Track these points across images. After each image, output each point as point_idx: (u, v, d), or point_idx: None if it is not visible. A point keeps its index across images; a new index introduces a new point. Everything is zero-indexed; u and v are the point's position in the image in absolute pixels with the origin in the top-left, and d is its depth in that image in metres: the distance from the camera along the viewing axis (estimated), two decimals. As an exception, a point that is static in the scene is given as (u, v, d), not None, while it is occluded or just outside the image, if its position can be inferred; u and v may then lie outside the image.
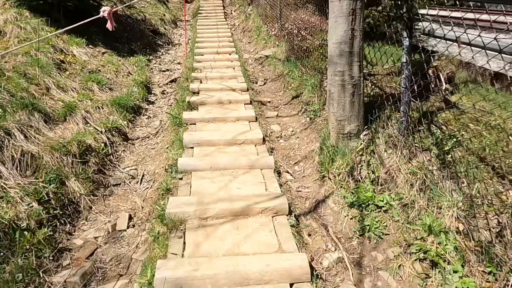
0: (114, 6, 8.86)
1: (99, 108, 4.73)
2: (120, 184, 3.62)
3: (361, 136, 3.30)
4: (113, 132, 4.34)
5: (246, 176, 3.28)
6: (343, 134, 3.30)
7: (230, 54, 7.76)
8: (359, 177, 3.11)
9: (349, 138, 3.31)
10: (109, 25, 3.81)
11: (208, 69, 6.78)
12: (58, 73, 5.13)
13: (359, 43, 3.07)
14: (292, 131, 4.51)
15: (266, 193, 2.95)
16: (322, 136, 3.88)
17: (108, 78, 5.82)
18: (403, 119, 2.98)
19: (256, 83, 6.56)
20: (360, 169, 3.15)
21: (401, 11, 2.81)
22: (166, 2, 13.23)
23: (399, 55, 4.75)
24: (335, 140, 3.38)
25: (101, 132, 4.17)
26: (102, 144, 3.94)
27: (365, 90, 3.36)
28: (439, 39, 4.48)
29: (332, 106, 3.29)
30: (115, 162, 3.91)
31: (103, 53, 6.79)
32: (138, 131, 4.80)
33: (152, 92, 6.26)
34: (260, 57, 7.75)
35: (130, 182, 3.66)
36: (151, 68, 7.42)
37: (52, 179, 3.03)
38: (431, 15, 3.18)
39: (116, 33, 8.13)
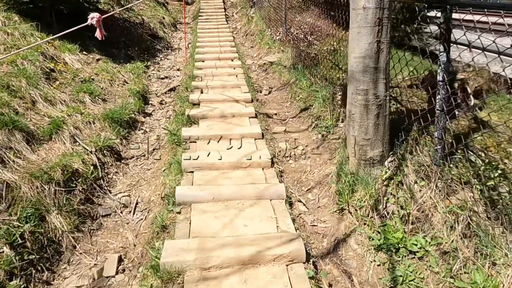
0: (110, 10, 8.45)
1: (90, 123, 4.31)
2: (110, 214, 3.19)
3: (386, 163, 2.88)
4: (105, 152, 3.91)
5: (254, 209, 2.85)
6: (365, 160, 2.88)
7: (232, 60, 7.34)
8: (385, 213, 2.69)
9: (372, 165, 2.89)
10: (98, 34, 3.40)
11: (209, 77, 6.36)
12: (47, 83, 4.71)
13: (386, 58, 2.65)
14: (303, 149, 4.08)
15: (279, 234, 2.52)
16: (338, 160, 3.46)
17: (101, 88, 5.40)
18: (439, 147, 2.55)
19: (261, 92, 6.14)
20: (386, 202, 2.72)
21: (438, 21, 2.39)
22: (166, 4, 12.83)
23: (417, 63, 4.33)
24: (355, 167, 2.95)
25: (91, 152, 3.75)
26: (91, 167, 3.51)
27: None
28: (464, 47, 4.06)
29: (353, 129, 2.86)
30: (105, 188, 3.48)
31: (98, 59, 6.37)
32: (132, 148, 4.37)
33: (150, 102, 5.84)
34: (264, 63, 7.33)
35: (122, 212, 3.23)
36: (149, 76, 7.00)
37: (29, 215, 2.61)
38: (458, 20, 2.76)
39: (113, 38, 7.72)
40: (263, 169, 3.45)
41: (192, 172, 3.37)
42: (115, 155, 4.04)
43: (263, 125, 4.60)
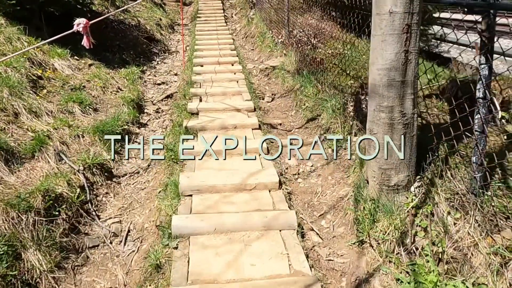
0: (105, 11, 8.07)
1: (78, 137, 3.94)
2: (98, 245, 2.83)
3: (412, 188, 2.52)
4: (94, 170, 3.54)
5: (262, 242, 2.49)
6: (388, 186, 2.52)
7: (232, 65, 6.98)
8: (414, 248, 2.33)
9: (396, 191, 2.53)
10: (85, 42, 3.03)
11: (209, 83, 6.00)
12: (33, 92, 4.34)
13: (414, 70, 2.30)
14: (312, 165, 3.73)
15: (292, 278, 2.16)
16: (354, 181, 3.11)
17: (93, 96, 5.03)
18: (478, 174, 2.20)
19: (263, 99, 5.78)
20: (414, 236, 2.37)
21: (479, 27, 2.03)
22: (163, 5, 12.46)
23: (433, 69, 3.98)
24: (376, 192, 2.59)
25: (79, 170, 3.38)
26: (78, 190, 3.14)
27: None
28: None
29: (374, 150, 2.50)
30: (93, 213, 3.11)
31: (90, 65, 6.00)
32: (125, 164, 4.01)
33: (145, 111, 5.46)
34: (266, 67, 6.97)
35: (111, 242, 2.87)
36: (145, 81, 6.63)
37: (1, 254, 2.24)
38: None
39: (107, 41, 7.35)
40: (270, 191, 3.09)
41: (191, 195, 3.00)
42: (106, 173, 3.67)
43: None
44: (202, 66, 6.86)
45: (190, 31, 10.32)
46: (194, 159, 3.64)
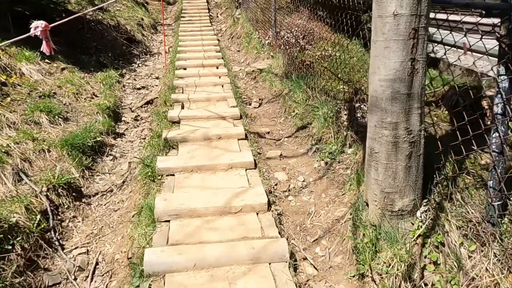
0: (82, 10, 7.58)
1: (44, 152, 3.53)
2: (60, 283, 2.44)
3: (418, 213, 2.23)
4: (60, 190, 3.15)
5: (249, 279, 2.16)
6: (392, 211, 2.22)
7: (217, 68, 6.62)
8: (423, 284, 2.04)
9: (401, 216, 2.23)
10: (44, 48, 2.65)
11: (192, 88, 5.63)
12: (-6, 101, 3.91)
13: (421, 81, 2.00)
14: (303, 180, 3.41)
15: (285, 328, 1.83)
16: (350, 200, 2.81)
17: (64, 104, 4.61)
18: (496, 202, 1.91)
19: (250, 104, 5.45)
20: (423, 270, 2.07)
21: (498, 32, 1.74)
22: (146, 4, 11.98)
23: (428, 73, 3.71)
24: (377, 218, 2.29)
25: (41, 192, 2.98)
26: (39, 216, 2.75)
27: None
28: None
29: (375, 171, 2.20)
30: (56, 243, 2.72)
31: (63, 69, 5.56)
32: (98, 181, 3.62)
33: (122, 119, 5.06)
34: (253, 70, 6.63)
35: (75, 279, 2.49)
36: (123, 86, 6.21)
37: None
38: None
39: (83, 43, 6.90)
40: (257, 213, 2.76)
41: (168, 221, 2.65)
42: (74, 193, 3.27)
43: (255, 148, 3.91)
44: (185, 69, 6.48)
45: (173, 32, 9.91)
46: (174, 175, 3.28)
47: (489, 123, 3.13)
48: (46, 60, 5.50)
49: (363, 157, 3.10)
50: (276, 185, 3.36)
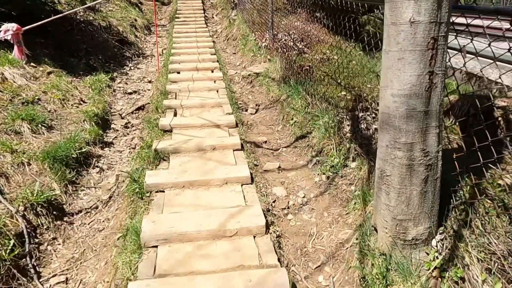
0: (74, 10, 7.30)
1: (23, 165, 3.26)
2: (33, 319, 2.19)
3: (434, 242, 2.01)
4: (39, 209, 2.89)
5: (245, 318, 1.92)
6: (405, 240, 1.99)
7: (212, 71, 6.37)
8: (441, 326, 1.81)
9: (414, 246, 2.00)
10: (16, 53, 2.41)
11: (185, 93, 5.38)
12: (-29, 110, 3.64)
13: (439, 97, 1.77)
14: (304, 196, 3.18)
15: None
16: (355, 221, 2.58)
17: (49, 111, 4.34)
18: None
19: (246, 110, 5.21)
20: (442, 309, 1.85)
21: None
22: (139, 5, 11.70)
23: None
24: (389, 247, 2.06)
25: (17, 212, 2.72)
26: (12, 240, 2.49)
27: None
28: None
29: (387, 196, 1.97)
30: (32, 270, 2.46)
31: (49, 72, 5.27)
32: (82, 196, 3.35)
33: (112, 126, 4.80)
34: (249, 74, 6.39)
35: (52, 313, 2.23)
36: (114, 90, 5.94)
37: None
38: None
39: (72, 45, 6.62)
40: (254, 237, 2.52)
41: (156, 247, 2.40)
42: (55, 212, 3.01)
43: (252, 160, 3.67)
44: (179, 73, 6.22)
45: (168, 33, 9.64)
46: (163, 191, 3.03)
47: (501, 136, 2.92)
48: (32, 64, 5.21)
49: (368, 173, 2.88)
50: (274, 202, 3.12)
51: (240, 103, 5.40)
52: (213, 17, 11.36)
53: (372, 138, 3.13)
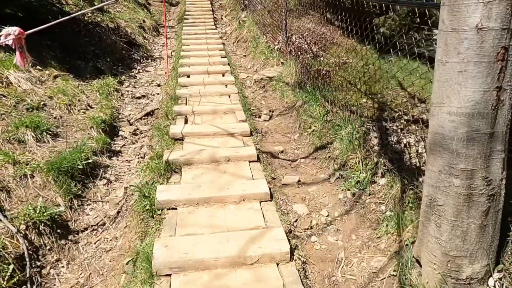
0: (82, 11, 7.11)
1: (26, 177, 3.04)
2: None
3: (491, 281, 1.74)
4: (42, 227, 2.67)
5: None
6: (457, 279, 1.73)
7: (223, 75, 6.14)
8: None
9: (468, 286, 1.74)
10: (18, 60, 2.18)
11: (196, 98, 5.15)
12: (-27, 117, 3.44)
13: (507, 116, 1.51)
14: (328, 215, 2.92)
15: None
16: (392, 249, 2.32)
17: (54, 117, 4.13)
18: None
19: (259, 117, 4.96)
20: None
21: None
22: (148, 6, 11.53)
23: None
24: (436, 284, 1.80)
25: (18, 231, 2.50)
26: (12, 265, 2.26)
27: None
28: None
29: (437, 228, 1.71)
30: (33, 299, 2.24)
31: (56, 76, 5.08)
32: (88, 211, 3.13)
33: (120, 133, 4.57)
34: (262, 78, 6.15)
35: None
36: (122, 94, 5.73)
37: None
38: None
39: (79, 47, 6.41)
40: (278, 264, 2.27)
41: (169, 275, 2.16)
42: (59, 230, 2.79)
43: (269, 173, 3.42)
44: (188, 76, 6.00)
45: (176, 34, 9.44)
46: (176, 209, 2.79)
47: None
48: (38, 67, 5.02)
49: (401, 192, 2.61)
50: (296, 221, 2.87)
51: (253, 109, 5.16)
52: (222, 18, 11.15)
53: (404, 153, 2.86)
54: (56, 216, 2.81)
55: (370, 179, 2.96)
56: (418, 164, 2.69)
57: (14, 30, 2.13)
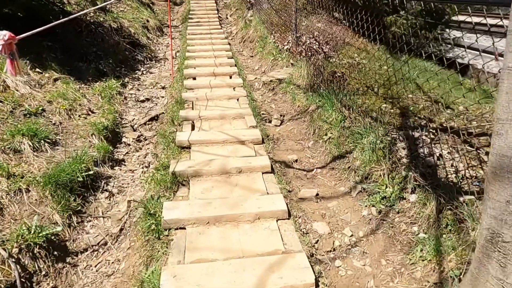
0: (84, 11, 6.87)
1: (21, 192, 2.79)
2: None
3: None
4: (37, 250, 2.41)
5: None
6: (524, 329, 1.45)
7: (231, 77, 5.87)
8: None
9: (536, 336, 1.45)
10: (8, 68, 1.91)
11: (203, 102, 4.88)
12: (-35, 124, 3.19)
13: None
14: (352, 235, 2.64)
15: None
16: (433, 281, 2.03)
17: (54, 124, 3.88)
18: None
19: (270, 121, 4.69)
20: None
21: None
22: (151, 5, 11.28)
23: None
24: (495, 331, 1.52)
25: (10, 256, 2.24)
26: (1, 298, 2.01)
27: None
28: None
29: (501, 269, 1.43)
30: (24, 337, 1.98)
31: (56, 79, 4.83)
32: (88, 229, 2.87)
33: (123, 140, 4.32)
34: (271, 80, 5.87)
35: None
36: (125, 98, 5.48)
37: None
38: None
39: (81, 48, 6.17)
40: (301, 297, 2.00)
41: (179, 312, 1.90)
42: (56, 251, 2.53)
43: (284, 186, 3.15)
44: (194, 79, 5.74)
45: (180, 34, 9.18)
46: (185, 229, 2.53)
47: None
48: (37, 70, 4.78)
49: (437, 212, 2.33)
50: (317, 242, 2.59)
51: (262, 113, 4.88)
52: (227, 18, 10.87)
53: (438, 167, 2.58)
54: (53, 237, 2.55)
55: (398, 194, 2.68)
56: (455, 181, 2.40)
57: (3, 34, 1.86)
